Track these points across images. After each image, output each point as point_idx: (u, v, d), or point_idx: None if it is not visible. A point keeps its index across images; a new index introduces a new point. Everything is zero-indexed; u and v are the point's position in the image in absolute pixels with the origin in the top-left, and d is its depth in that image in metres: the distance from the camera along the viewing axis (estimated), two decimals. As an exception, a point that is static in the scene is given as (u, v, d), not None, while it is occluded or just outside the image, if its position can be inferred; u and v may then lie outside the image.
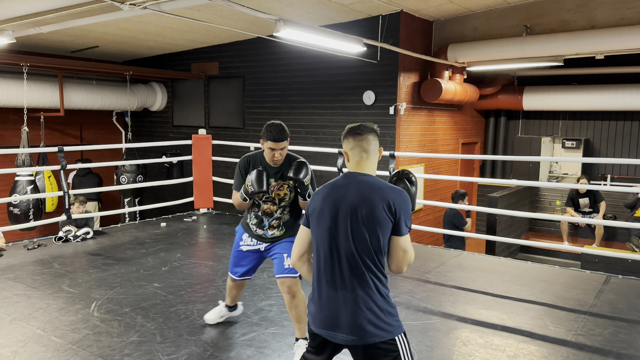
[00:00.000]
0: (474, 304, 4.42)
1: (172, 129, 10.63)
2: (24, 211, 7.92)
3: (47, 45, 8.80)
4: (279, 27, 4.87)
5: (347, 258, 2.15)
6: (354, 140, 2.29)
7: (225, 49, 9.57)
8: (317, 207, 2.26)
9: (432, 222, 8.97)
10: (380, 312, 2.14)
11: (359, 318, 2.12)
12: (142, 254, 5.80)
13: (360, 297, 2.13)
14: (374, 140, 2.30)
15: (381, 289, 2.17)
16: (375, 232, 2.13)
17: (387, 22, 7.55)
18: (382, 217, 2.12)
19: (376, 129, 2.35)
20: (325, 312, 2.20)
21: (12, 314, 4.03)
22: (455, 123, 9.83)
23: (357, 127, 2.32)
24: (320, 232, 2.23)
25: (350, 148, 2.30)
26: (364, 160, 2.28)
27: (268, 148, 3.23)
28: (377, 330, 2.12)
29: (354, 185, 2.21)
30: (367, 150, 2.28)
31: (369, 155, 2.28)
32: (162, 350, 3.45)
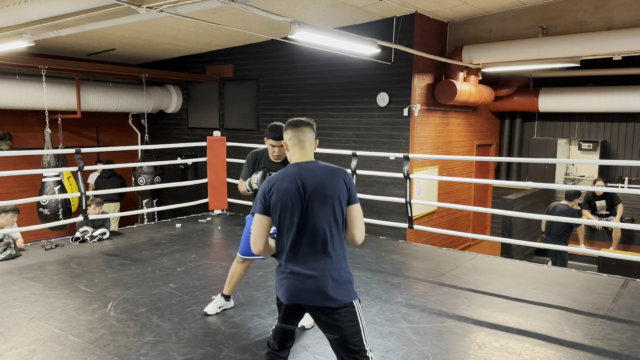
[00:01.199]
0: (489, 307, 4.39)
1: (187, 131, 10.72)
2: (53, 211, 8.07)
3: (64, 49, 8.93)
4: (294, 30, 4.89)
5: (317, 234, 2.47)
6: (292, 131, 2.64)
7: (240, 51, 9.63)
8: (280, 197, 2.49)
9: (447, 224, 8.93)
10: (342, 279, 2.49)
11: (327, 285, 2.45)
12: (157, 255, 5.86)
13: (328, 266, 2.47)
14: (310, 132, 2.65)
15: (344, 259, 2.54)
16: (340, 205, 2.50)
17: (401, 23, 7.54)
18: (342, 191, 2.51)
19: (312, 122, 2.71)
20: (296, 284, 2.49)
21: (31, 313, 4.09)
22: (470, 125, 9.78)
23: (295, 121, 2.68)
24: (289, 215, 2.49)
25: (289, 138, 2.65)
26: (305, 150, 2.62)
27: (269, 145, 3.72)
28: (340, 295, 2.46)
29: (308, 172, 2.52)
30: (303, 141, 2.62)
31: (306, 145, 2.63)
32: (177, 351, 3.48)
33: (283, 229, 2.52)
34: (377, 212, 7.88)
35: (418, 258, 5.97)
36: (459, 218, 9.59)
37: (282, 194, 2.49)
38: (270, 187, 2.54)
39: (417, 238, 7.96)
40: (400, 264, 5.68)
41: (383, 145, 8.04)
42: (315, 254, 2.48)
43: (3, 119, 9.04)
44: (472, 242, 9.92)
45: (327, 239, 2.47)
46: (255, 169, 3.90)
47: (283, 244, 2.53)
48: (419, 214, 8.10)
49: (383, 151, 7.75)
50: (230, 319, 4.02)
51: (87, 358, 3.35)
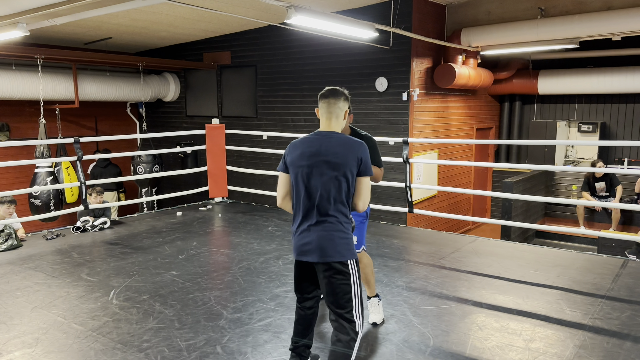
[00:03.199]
0: (489, 289, 4.41)
1: (186, 119, 10.69)
2: (44, 202, 8.06)
3: (61, 38, 8.87)
4: (290, 14, 4.86)
5: (320, 198, 2.65)
6: (322, 102, 2.83)
7: (237, 38, 9.56)
8: (295, 158, 2.73)
9: (447, 208, 8.94)
10: (340, 240, 2.66)
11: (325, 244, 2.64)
12: (159, 243, 5.87)
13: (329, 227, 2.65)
14: (339, 102, 2.80)
15: (346, 220, 2.70)
16: (345, 175, 2.65)
17: (399, 7, 7.47)
18: (352, 163, 2.65)
19: (346, 93, 2.87)
20: (302, 241, 2.71)
21: (34, 302, 4.12)
22: (470, 108, 9.74)
23: (328, 91, 2.85)
24: (300, 178, 2.70)
25: (320, 107, 2.84)
26: (330, 120, 2.79)
27: None
28: (335, 253, 2.64)
29: (324, 141, 2.71)
30: (332, 112, 2.79)
31: (334, 116, 2.79)
32: (180, 336, 3.50)
33: (293, 190, 2.76)
34: (377, 197, 7.88)
35: (418, 242, 5.98)
36: (459, 202, 9.60)
37: (296, 157, 2.73)
38: (291, 149, 2.79)
39: (418, 222, 7.98)
40: (401, 248, 5.70)
41: (382, 130, 8.02)
42: (318, 216, 2.67)
43: (1, 110, 9.01)
44: (472, 226, 9.94)
45: (329, 203, 2.65)
46: None
47: (293, 204, 2.78)
48: (419, 198, 8.11)
49: (382, 136, 7.73)
50: (232, 305, 4.05)
51: (90, 345, 3.37)
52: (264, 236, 6.12)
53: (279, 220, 6.98)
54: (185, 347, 3.35)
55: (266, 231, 6.37)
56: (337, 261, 2.66)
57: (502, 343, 3.39)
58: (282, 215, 7.24)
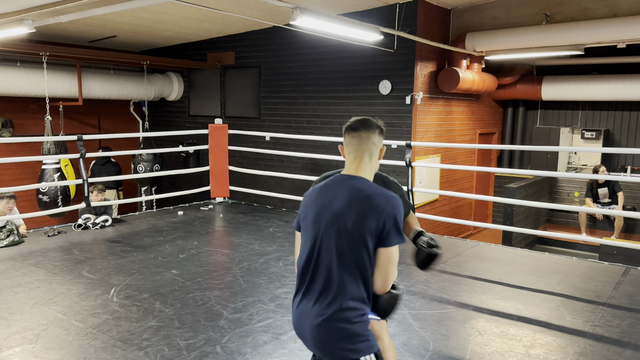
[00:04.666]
0: (490, 294, 4.40)
1: (189, 119, 10.70)
2: (52, 198, 8.08)
3: (66, 35, 8.89)
4: (295, 15, 4.86)
5: (326, 271, 1.99)
6: (349, 136, 2.12)
7: (242, 38, 9.57)
8: (306, 211, 2.11)
9: (448, 213, 8.93)
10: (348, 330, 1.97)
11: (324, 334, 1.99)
12: (160, 242, 5.88)
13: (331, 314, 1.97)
14: (372, 138, 2.12)
15: (357, 308, 1.98)
16: (361, 244, 1.95)
17: (404, 10, 7.48)
18: (372, 227, 1.94)
19: (381, 125, 2.17)
20: (296, 320, 2.11)
21: (34, 298, 4.12)
22: (473, 113, 9.74)
23: (357, 122, 2.13)
24: (304, 239, 2.09)
25: (346, 144, 2.14)
26: (358, 160, 2.11)
27: None
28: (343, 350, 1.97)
29: (343, 191, 2.03)
30: (362, 150, 2.10)
31: (363, 155, 2.11)
32: (180, 335, 3.50)
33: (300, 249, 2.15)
34: (378, 200, 7.87)
35: (419, 246, 5.97)
36: (460, 207, 9.59)
37: (307, 208, 2.11)
38: (305, 197, 2.17)
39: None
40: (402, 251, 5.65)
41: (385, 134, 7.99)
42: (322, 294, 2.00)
43: (5, 107, 9.03)
44: (473, 231, 9.92)
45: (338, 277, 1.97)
46: None
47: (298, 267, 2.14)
48: (421, 202, 8.10)
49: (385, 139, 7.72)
50: (232, 305, 4.05)
51: (90, 342, 3.37)
52: (264, 237, 6.11)
53: (280, 221, 6.98)
54: (185, 346, 3.35)
55: (267, 232, 6.37)
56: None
57: (502, 349, 3.38)
58: (283, 217, 7.24)
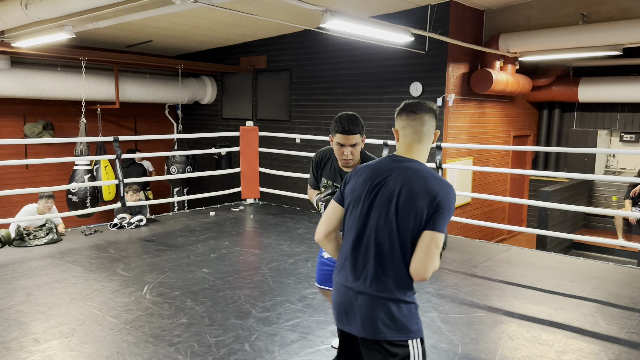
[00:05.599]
0: (521, 299, 4.32)
1: (222, 122, 10.87)
2: (81, 199, 8.33)
3: (104, 40, 9.17)
4: (325, 18, 4.89)
5: (375, 248, 1.97)
6: (408, 119, 2.07)
7: (274, 42, 9.68)
8: (356, 188, 2.06)
9: (481, 216, 8.79)
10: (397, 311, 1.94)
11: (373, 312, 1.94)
12: (192, 241, 5.99)
13: (380, 290, 1.95)
14: (430, 121, 2.08)
15: (404, 285, 1.97)
16: (413, 224, 1.92)
17: (435, 11, 7.42)
18: (423, 209, 1.91)
19: (435, 108, 2.11)
20: (341, 298, 2.04)
21: (71, 294, 4.26)
22: (507, 115, 9.57)
23: (413, 105, 2.09)
24: (354, 216, 2.04)
25: (402, 127, 2.09)
26: (415, 143, 2.06)
27: (336, 143, 2.69)
28: (389, 329, 1.93)
29: (399, 171, 2.00)
30: (420, 133, 2.06)
31: (421, 139, 2.06)
32: (210, 333, 3.57)
33: (345, 228, 2.10)
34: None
35: (450, 249, 5.90)
36: (494, 210, 9.43)
37: (357, 185, 2.06)
38: (353, 174, 2.13)
39: (450, 230, 7.88)
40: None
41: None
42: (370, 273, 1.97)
43: (46, 110, 9.37)
44: (507, 235, 9.75)
45: (383, 256, 1.96)
46: (319, 175, 2.98)
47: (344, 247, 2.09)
48: (452, 205, 8.00)
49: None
50: (261, 304, 4.09)
51: (123, 337, 3.47)
52: (294, 238, 6.16)
53: (309, 223, 7.01)
54: (214, 343, 3.41)
55: (296, 233, 6.41)
56: (391, 340, 1.94)
57: (532, 354, 3.32)
58: (312, 219, 7.27)
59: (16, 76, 8.00)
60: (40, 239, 5.76)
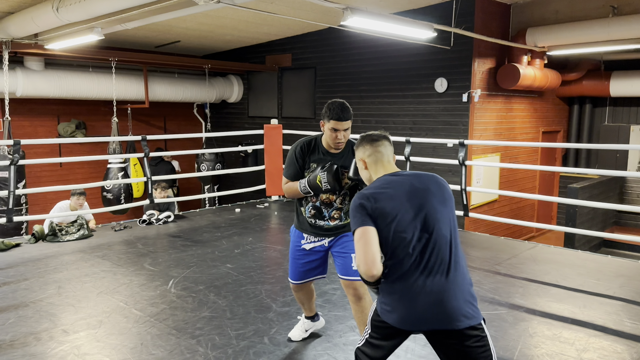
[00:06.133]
0: (544, 297, 4.27)
1: (248, 120, 11.00)
2: (116, 196, 8.57)
3: (133, 41, 9.40)
4: (346, 16, 4.91)
5: (442, 246, 2.11)
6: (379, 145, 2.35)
7: (298, 40, 9.74)
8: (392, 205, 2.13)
9: (509, 214, 8.67)
10: (470, 297, 2.12)
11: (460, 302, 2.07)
12: (217, 237, 6.11)
13: (458, 282, 2.10)
14: (390, 146, 2.39)
15: (467, 272, 2.18)
16: (454, 213, 2.23)
17: (460, 6, 7.35)
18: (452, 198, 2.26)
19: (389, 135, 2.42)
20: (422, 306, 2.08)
21: (99, 287, 4.42)
22: (535, 110, 9.40)
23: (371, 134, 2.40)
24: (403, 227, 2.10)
25: (368, 155, 2.35)
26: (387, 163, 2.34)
27: (330, 129, 2.90)
28: (470, 315, 2.08)
29: (411, 177, 2.23)
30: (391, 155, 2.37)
31: (390, 159, 2.37)
32: (231, 326, 3.65)
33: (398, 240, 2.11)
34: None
35: (474, 247, 5.86)
36: (522, 208, 9.28)
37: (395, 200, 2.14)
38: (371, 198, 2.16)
39: (477, 227, 7.80)
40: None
41: (441, 132, 7.91)
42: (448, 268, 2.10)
43: (79, 109, 9.66)
44: (536, 233, 9.58)
45: (453, 246, 2.13)
46: (306, 164, 3.07)
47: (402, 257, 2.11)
48: (479, 202, 7.92)
49: (441, 138, 7.63)
50: (281, 299, 4.16)
51: (147, 330, 3.58)
52: (317, 235, 6.19)
53: (333, 219, 7.04)
54: (235, 336, 3.49)
55: (320, 230, 6.45)
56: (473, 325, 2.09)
57: (552, 351, 3.28)
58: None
59: (50, 77, 8.29)
60: (72, 235, 5.96)
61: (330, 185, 2.89)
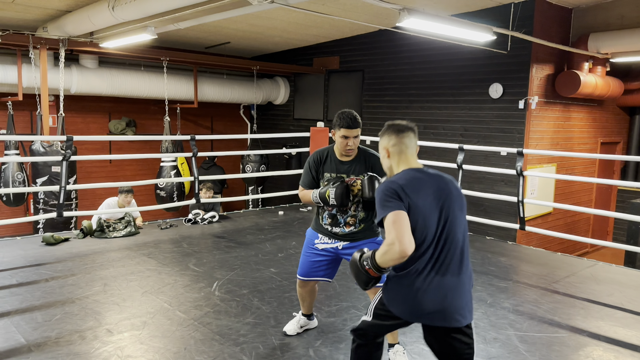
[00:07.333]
0: (608, 320, 3.96)
1: (293, 122, 10.95)
2: (169, 194, 8.67)
3: (184, 42, 9.50)
4: (402, 17, 4.74)
5: (454, 245, 2.23)
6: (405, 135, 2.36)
7: (347, 43, 9.61)
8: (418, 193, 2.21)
9: (563, 227, 8.26)
10: (471, 297, 2.29)
11: (464, 302, 2.24)
12: (260, 240, 6.04)
13: (465, 283, 2.26)
14: (415, 138, 2.40)
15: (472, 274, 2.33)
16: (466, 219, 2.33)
17: (519, 10, 7.04)
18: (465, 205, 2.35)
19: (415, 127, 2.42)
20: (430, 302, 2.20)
21: (144, 287, 4.39)
22: (594, 120, 8.93)
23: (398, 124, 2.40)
24: (427, 225, 2.20)
25: (392, 145, 2.36)
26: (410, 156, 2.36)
27: (341, 137, 3.09)
28: (468, 315, 2.25)
29: (437, 177, 2.30)
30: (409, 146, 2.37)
31: (414, 152, 2.39)
32: (275, 335, 3.53)
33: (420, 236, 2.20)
34: (484, 211, 7.47)
35: (529, 262, 5.56)
36: (577, 222, 8.83)
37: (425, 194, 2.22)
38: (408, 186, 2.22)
39: (529, 241, 7.45)
40: (508, 267, 5.33)
41: (494, 140, 7.60)
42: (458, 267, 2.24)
43: (129, 107, 9.84)
44: (590, 249, 9.09)
45: (464, 250, 2.27)
46: (319, 174, 3.25)
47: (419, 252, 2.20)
48: (532, 215, 7.56)
49: (494, 145, 7.33)
50: (326, 308, 4.02)
51: (191, 334, 3.51)
52: (363, 242, 6.04)
53: (379, 226, 6.87)
54: (279, 346, 3.37)
55: (365, 237, 6.29)
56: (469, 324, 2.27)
57: (623, 383, 3.01)
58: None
59: (103, 75, 8.45)
60: (119, 231, 6.02)
61: (337, 202, 3.04)
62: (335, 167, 3.19)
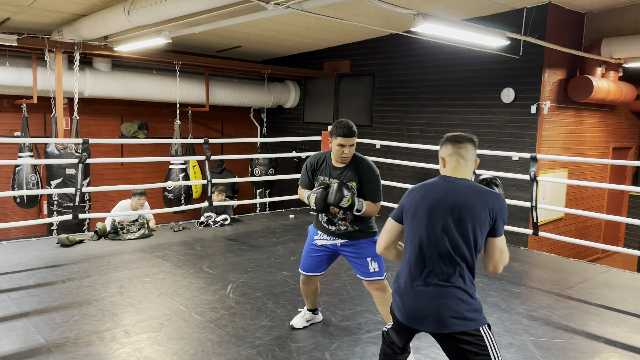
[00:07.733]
0: (624, 327, 3.95)
1: (303, 126, 10.97)
2: (176, 196, 8.71)
3: (196, 46, 9.56)
4: (417, 22, 4.75)
5: (440, 255, 2.25)
6: (453, 147, 2.40)
7: (357, 47, 9.63)
8: (414, 205, 2.35)
9: (574, 233, 8.22)
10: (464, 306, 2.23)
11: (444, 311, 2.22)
12: (272, 243, 6.06)
13: (448, 292, 2.24)
14: (472, 149, 2.41)
15: (468, 285, 2.27)
16: (474, 232, 2.24)
17: (532, 15, 7.04)
18: (482, 218, 2.24)
19: (475, 139, 2.46)
20: (412, 305, 2.30)
21: (160, 289, 4.42)
22: (606, 125, 8.89)
23: (456, 136, 2.45)
24: (415, 229, 2.33)
25: (448, 155, 2.41)
26: (461, 166, 2.38)
27: (337, 145, 3.25)
28: (461, 321, 2.22)
29: (454, 187, 2.31)
30: (465, 158, 2.38)
31: (467, 163, 2.39)
32: (290, 337, 3.55)
33: (408, 240, 2.37)
34: (495, 215, 7.44)
35: (542, 267, 5.55)
36: (588, 227, 8.78)
37: (415, 202, 2.35)
38: (408, 194, 2.42)
39: (541, 246, 7.42)
40: (522, 272, 5.32)
41: (505, 145, 7.58)
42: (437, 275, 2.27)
43: (141, 110, 9.91)
44: (602, 254, 9.04)
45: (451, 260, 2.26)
46: (314, 176, 3.46)
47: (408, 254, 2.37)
48: (544, 220, 7.53)
49: (506, 150, 7.31)
50: (341, 312, 4.03)
51: (207, 336, 3.53)
52: (374, 246, 6.04)
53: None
54: (295, 349, 3.38)
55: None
56: (463, 331, 2.23)
57: (641, 390, 3.00)
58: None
59: (116, 78, 8.53)
60: (132, 233, 6.06)
61: (317, 207, 3.24)
62: (329, 172, 3.39)
